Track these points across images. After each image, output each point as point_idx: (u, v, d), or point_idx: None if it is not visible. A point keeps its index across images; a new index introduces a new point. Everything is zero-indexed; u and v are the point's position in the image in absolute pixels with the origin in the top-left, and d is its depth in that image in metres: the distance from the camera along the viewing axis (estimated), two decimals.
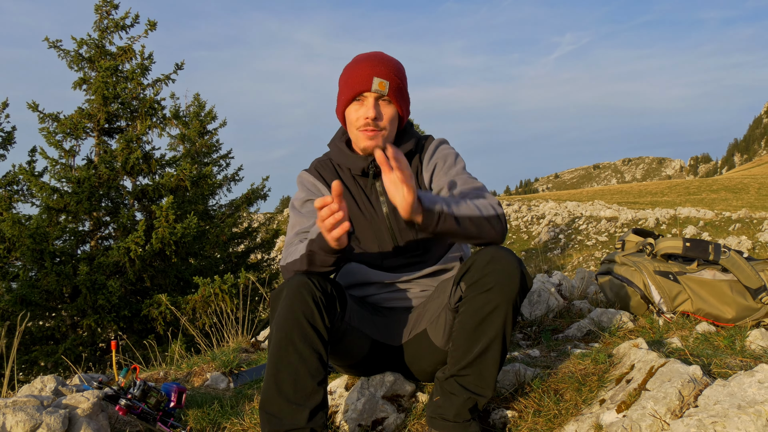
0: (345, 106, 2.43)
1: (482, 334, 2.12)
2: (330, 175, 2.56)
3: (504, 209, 2.42)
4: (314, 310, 2.07)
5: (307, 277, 2.12)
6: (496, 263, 2.10)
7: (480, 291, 2.11)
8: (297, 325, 2.05)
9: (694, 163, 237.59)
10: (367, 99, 2.36)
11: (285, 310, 2.07)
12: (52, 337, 10.14)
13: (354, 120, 2.39)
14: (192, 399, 2.89)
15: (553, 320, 3.74)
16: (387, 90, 2.34)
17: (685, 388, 2.05)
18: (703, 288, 3.29)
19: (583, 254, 25.34)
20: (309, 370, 2.05)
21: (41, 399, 2.38)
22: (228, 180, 20.10)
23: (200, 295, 9.46)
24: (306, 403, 2.04)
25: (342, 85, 2.44)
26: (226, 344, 4.32)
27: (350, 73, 2.40)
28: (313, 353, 2.06)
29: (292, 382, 2.04)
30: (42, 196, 10.86)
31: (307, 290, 2.08)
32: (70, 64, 12.01)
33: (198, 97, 20.82)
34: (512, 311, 2.12)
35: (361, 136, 2.39)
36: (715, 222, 26.08)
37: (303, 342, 2.05)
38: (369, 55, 2.42)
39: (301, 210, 2.49)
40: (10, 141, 13.89)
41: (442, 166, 2.47)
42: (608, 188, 63.26)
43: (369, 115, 2.33)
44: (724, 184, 45.38)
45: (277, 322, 2.09)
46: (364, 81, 2.34)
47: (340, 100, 2.46)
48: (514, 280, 2.09)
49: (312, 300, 2.07)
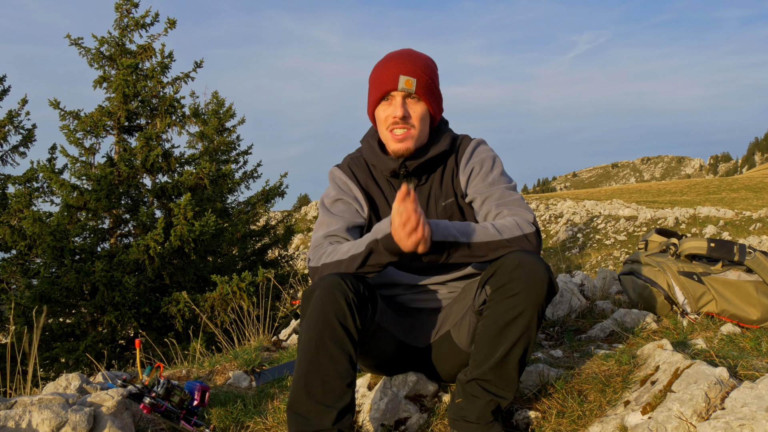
0: (374, 107, 2.39)
1: (505, 339, 2.10)
2: (363, 174, 2.51)
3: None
4: (346, 311, 2.05)
5: (340, 278, 2.09)
6: (523, 269, 2.07)
7: (505, 296, 2.08)
8: (329, 326, 2.03)
9: (714, 161, 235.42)
10: (395, 98, 2.32)
11: (317, 311, 2.05)
12: (73, 333, 10.23)
13: (383, 119, 2.35)
14: (215, 397, 2.90)
15: (576, 320, 3.72)
16: (414, 88, 2.29)
17: (711, 390, 2.04)
18: (728, 289, 3.25)
19: (601, 253, 25.22)
20: (339, 372, 2.04)
21: (66, 397, 2.40)
22: (246, 177, 20.19)
23: (218, 293, 9.51)
24: (335, 405, 2.03)
25: (370, 85, 2.40)
26: (247, 342, 4.34)
27: (378, 73, 2.36)
28: (344, 354, 2.04)
29: (321, 383, 2.03)
30: (62, 193, 10.97)
31: (341, 291, 2.06)
32: (91, 62, 12.12)
33: (216, 95, 20.95)
34: (537, 318, 2.09)
35: (390, 137, 2.34)
36: (736, 221, 25.86)
37: (334, 343, 2.03)
38: (397, 53, 2.38)
39: (332, 209, 2.46)
40: (30, 138, 14.00)
41: (479, 171, 2.41)
42: (627, 187, 62.89)
43: (397, 114, 2.29)
44: (745, 183, 44.99)
45: (308, 322, 2.07)
46: (391, 79, 2.29)
47: (369, 100, 2.42)
48: (542, 287, 2.06)
49: (345, 301, 2.05)
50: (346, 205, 2.45)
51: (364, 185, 2.49)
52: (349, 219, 2.41)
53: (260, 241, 18.84)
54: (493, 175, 2.40)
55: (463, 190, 2.44)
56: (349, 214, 2.43)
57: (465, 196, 2.44)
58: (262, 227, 18.95)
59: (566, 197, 43.71)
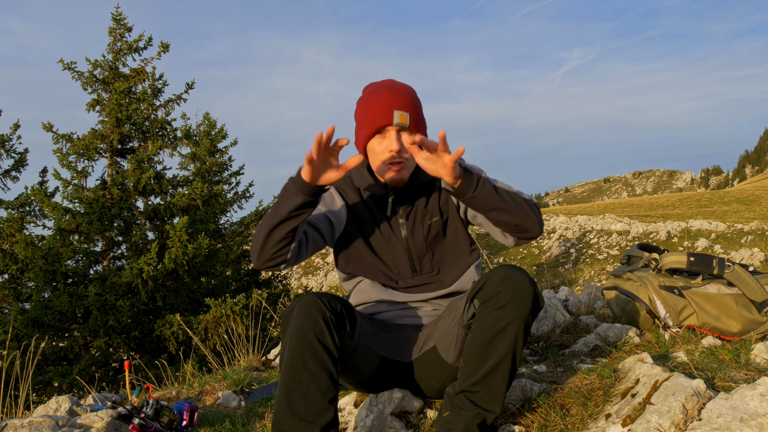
0: (366, 141, 2.42)
1: (494, 351, 2.15)
2: (351, 194, 2.55)
3: None
4: (324, 329, 2.09)
5: (317, 297, 2.14)
6: (510, 281, 2.15)
7: (493, 308, 2.15)
8: (308, 344, 2.07)
9: (705, 175, 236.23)
10: (389, 132, 2.37)
11: (296, 329, 2.09)
12: (66, 357, 10.20)
13: (379, 153, 2.39)
14: (204, 417, 2.93)
15: (560, 335, 3.76)
16: (408, 122, 2.34)
17: (688, 401, 2.07)
18: (709, 302, 3.30)
19: (594, 268, 25.27)
20: (320, 388, 2.07)
21: (56, 419, 2.43)
22: (239, 197, 20.20)
23: (212, 315, 9.51)
24: (317, 421, 2.05)
25: (361, 119, 2.43)
26: (237, 363, 4.36)
27: (370, 107, 2.39)
28: (324, 371, 2.08)
29: (304, 400, 2.06)
30: (54, 216, 10.98)
31: (317, 309, 2.10)
32: (84, 86, 12.16)
33: (208, 116, 20.97)
34: (524, 329, 2.16)
35: (386, 170, 2.40)
36: (728, 234, 25.98)
37: (314, 360, 2.07)
38: (384, 86, 2.43)
39: None
40: (22, 162, 14.02)
41: None
42: (619, 201, 63.06)
43: (393, 148, 2.34)
44: (736, 196, 45.23)
45: (288, 341, 2.11)
46: (385, 115, 2.34)
47: (360, 134, 2.45)
48: (527, 299, 2.13)
49: (322, 319, 2.09)
50: (321, 204, 2.50)
51: (351, 202, 2.54)
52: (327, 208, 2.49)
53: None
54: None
55: (455, 203, 2.54)
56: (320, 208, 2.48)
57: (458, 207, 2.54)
58: None
59: (559, 213, 43.81)
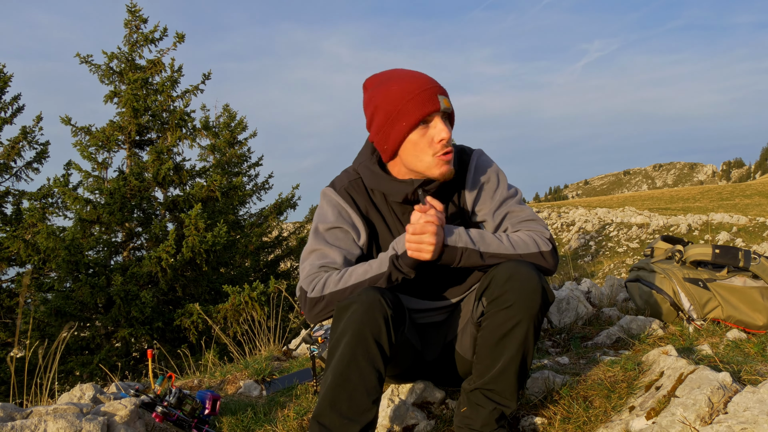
0: (406, 135, 2.15)
1: (504, 350, 2.11)
2: (363, 201, 2.34)
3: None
4: (383, 328, 2.02)
5: (379, 294, 2.06)
6: (515, 280, 2.08)
7: (500, 308, 2.09)
8: (363, 343, 2.01)
9: (727, 168, 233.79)
10: (435, 119, 2.13)
11: (353, 327, 2.02)
12: (87, 347, 10.30)
13: (426, 146, 2.14)
14: (226, 406, 2.94)
15: (583, 327, 3.74)
16: (451, 106, 2.17)
17: (714, 394, 2.05)
18: (734, 295, 3.27)
19: (614, 261, 25.11)
20: (366, 388, 2.02)
21: (81, 406, 2.44)
22: (258, 188, 20.29)
23: (231, 303, 9.55)
24: (359, 420, 2.02)
25: (395, 112, 2.14)
26: (258, 352, 4.38)
27: (404, 97, 2.13)
28: (374, 371, 2.03)
29: (348, 397, 2.02)
30: (76, 208, 11.06)
31: (379, 308, 2.03)
32: (101, 78, 12.26)
33: (228, 108, 21.08)
34: (533, 327, 2.10)
35: (436, 162, 2.16)
36: (749, 228, 25.71)
37: (366, 359, 2.02)
38: (406, 74, 2.20)
39: (328, 237, 2.32)
40: (44, 154, 14.13)
41: (485, 189, 2.37)
42: (639, 194, 62.64)
43: (444, 136, 2.11)
44: (758, 189, 44.75)
45: (342, 336, 2.04)
46: (431, 100, 2.11)
47: (397, 129, 2.15)
48: (535, 297, 2.07)
49: (383, 318, 2.02)
50: (344, 234, 2.32)
51: (365, 212, 2.36)
52: (346, 250, 2.31)
53: (272, 253, 18.90)
54: (499, 192, 2.36)
55: (469, 208, 2.38)
56: (347, 243, 2.32)
57: (472, 214, 2.40)
58: (274, 239, 19.01)
59: (578, 205, 43.60)
